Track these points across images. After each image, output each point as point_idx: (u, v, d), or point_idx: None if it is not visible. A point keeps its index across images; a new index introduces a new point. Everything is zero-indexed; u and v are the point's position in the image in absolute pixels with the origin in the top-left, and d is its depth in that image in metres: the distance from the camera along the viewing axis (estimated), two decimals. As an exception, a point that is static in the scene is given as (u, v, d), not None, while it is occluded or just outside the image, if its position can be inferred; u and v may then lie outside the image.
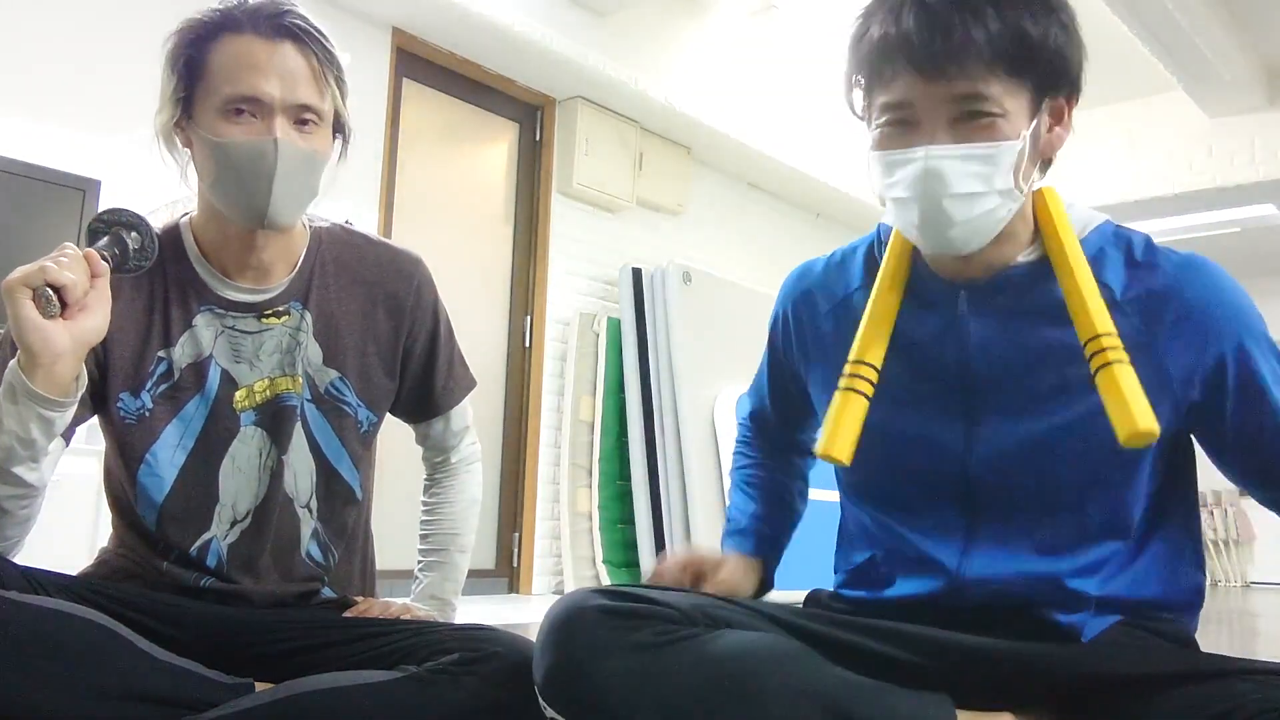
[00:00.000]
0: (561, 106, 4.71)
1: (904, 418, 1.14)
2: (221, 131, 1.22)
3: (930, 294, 1.14)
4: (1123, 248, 1.10)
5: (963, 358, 1.12)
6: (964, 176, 1.00)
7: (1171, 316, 1.06)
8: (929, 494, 1.14)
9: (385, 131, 4.03)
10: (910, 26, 1.00)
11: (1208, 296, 1.06)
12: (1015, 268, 1.11)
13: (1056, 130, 1.07)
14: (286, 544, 1.34)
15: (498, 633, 1.22)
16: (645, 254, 4.90)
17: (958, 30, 0.98)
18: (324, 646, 1.25)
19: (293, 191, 1.24)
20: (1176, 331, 1.06)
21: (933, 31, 0.98)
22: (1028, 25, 0.99)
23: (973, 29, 0.98)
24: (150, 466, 1.28)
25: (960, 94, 0.99)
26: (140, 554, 1.31)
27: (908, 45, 1.00)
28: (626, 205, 4.87)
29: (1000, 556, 1.10)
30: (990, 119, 1.00)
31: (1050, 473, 1.09)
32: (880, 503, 1.20)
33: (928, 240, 1.06)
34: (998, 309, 1.11)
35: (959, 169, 1.00)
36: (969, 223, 1.02)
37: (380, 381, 1.40)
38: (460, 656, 1.17)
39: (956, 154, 1.00)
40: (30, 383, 1.12)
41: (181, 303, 1.31)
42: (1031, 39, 0.99)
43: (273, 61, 1.23)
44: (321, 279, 1.37)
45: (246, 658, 1.24)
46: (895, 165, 1.03)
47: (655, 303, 4.56)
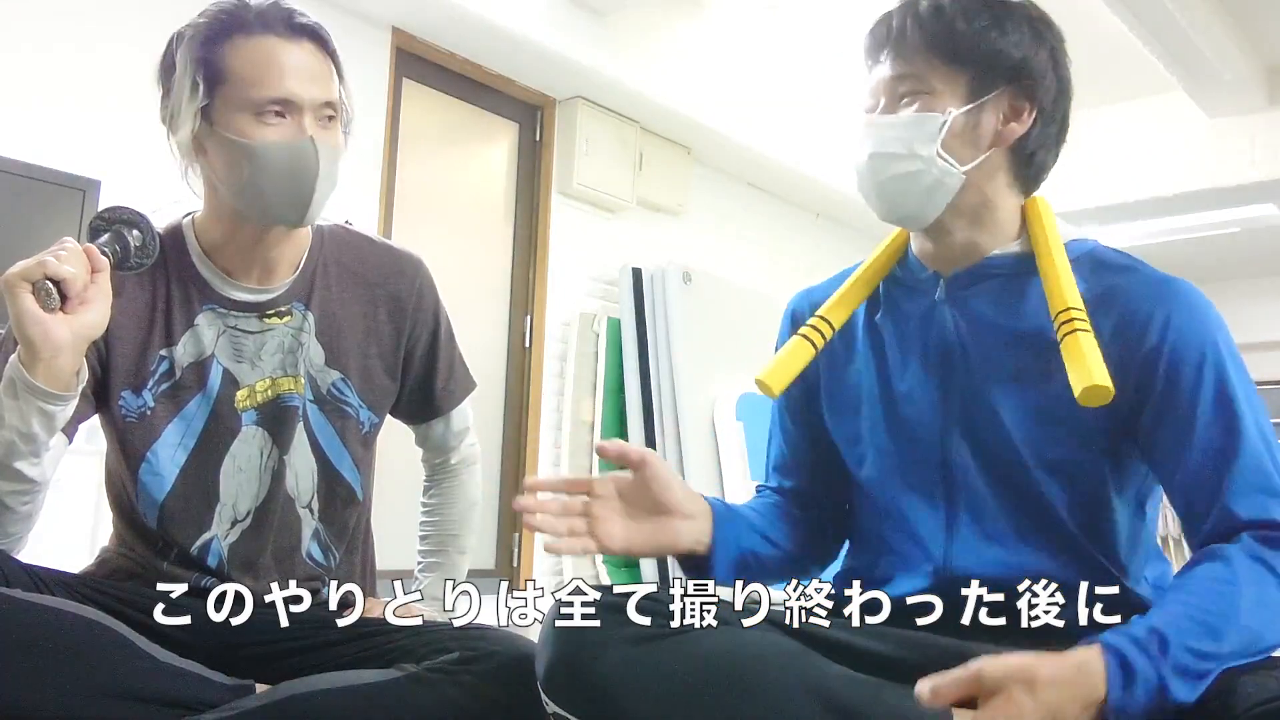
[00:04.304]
0: (561, 106, 4.70)
1: (892, 393, 1.21)
2: (253, 134, 1.22)
3: (914, 281, 1.23)
4: (1089, 261, 1.16)
5: (941, 343, 1.18)
6: (887, 140, 1.15)
7: (1119, 313, 1.11)
8: (910, 477, 1.19)
9: (385, 131, 4.02)
10: (872, 28, 1.20)
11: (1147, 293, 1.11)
12: (994, 258, 1.18)
13: (1013, 125, 1.15)
14: (287, 544, 1.34)
15: (497, 632, 1.22)
16: (645, 254, 4.89)
17: (902, 23, 1.17)
18: (323, 646, 1.25)
19: (328, 188, 1.27)
20: (1119, 327, 1.10)
21: (885, 29, 1.18)
22: (958, 20, 1.15)
23: (908, 20, 1.16)
24: (151, 465, 1.28)
25: (894, 74, 1.16)
26: (141, 553, 1.31)
27: (881, 40, 1.19)
28: (626, 205, 4.87)
29: (982, 546, 1.13)
30: (917, 96, 1.15)
31: (1017, 460, 1.12)
32: (866, 494, 1.23)
33: (871, 201, 1.19)
34: (972, 297, 1.18)
35: (885, 135, 1.16)
36: (893, 181, 1.15)
37: (382, 383, 1.40)
38: (459, 656, 1.17)
39: (885, 121, 1.16)
40: (30, 376, 1.12)
41: (184, 302, 1.31)
42: (957, 29, 1.14)
43: (297, 61, 1.24)
44: (324, 280, 1.37)
45: (246, 657, 1.24)
46: (857, 140, 1.19)
47: (655, 303, 4.56)
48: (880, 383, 1.22)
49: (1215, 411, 1.06)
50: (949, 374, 1.18)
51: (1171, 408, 1.07)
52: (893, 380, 1.21)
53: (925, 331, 1.20)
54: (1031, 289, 1.15)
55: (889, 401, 1.21)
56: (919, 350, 1.20)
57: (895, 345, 1.22)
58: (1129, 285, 1.12)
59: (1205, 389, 1.06)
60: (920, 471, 1.18)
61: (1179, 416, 1.07)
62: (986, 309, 1.17)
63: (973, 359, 1.16)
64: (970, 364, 1.16)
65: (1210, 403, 1.06)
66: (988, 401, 1.14)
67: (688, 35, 4.80)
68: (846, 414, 1.26)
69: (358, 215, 3.63)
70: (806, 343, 1.21)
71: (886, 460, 1.21)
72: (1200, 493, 1.06)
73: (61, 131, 3.01)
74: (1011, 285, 1.17)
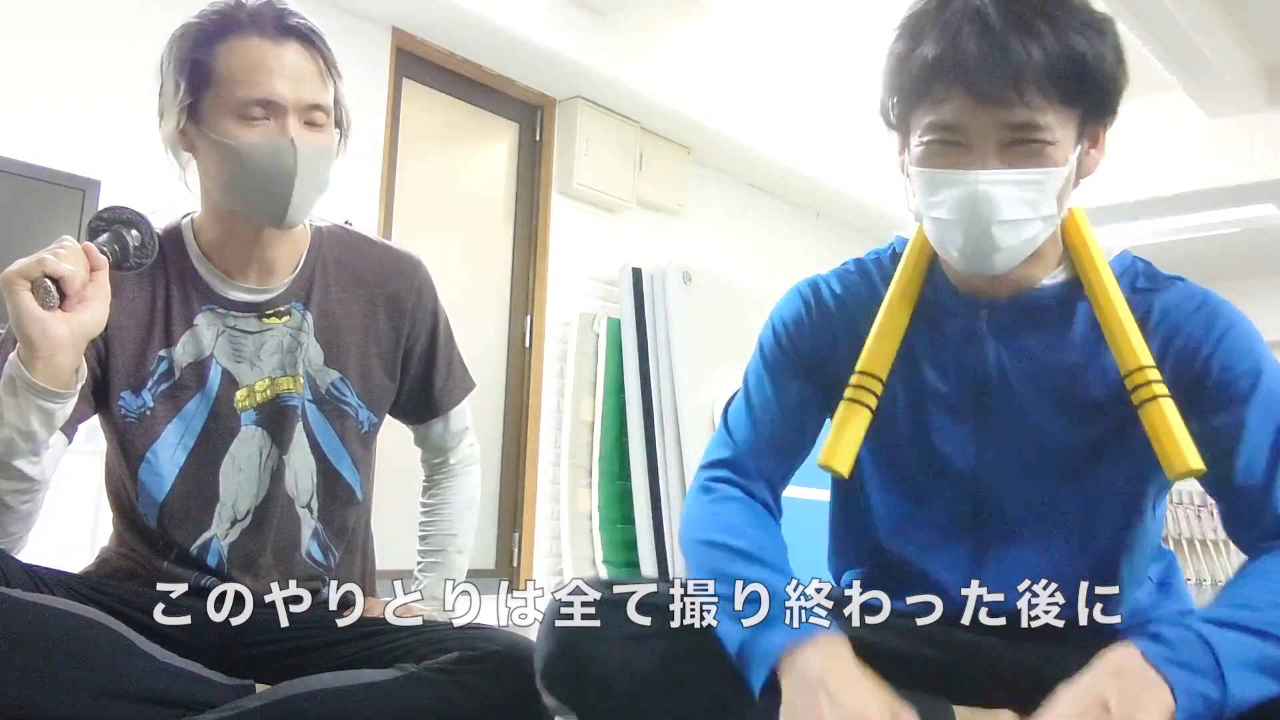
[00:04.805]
0: (561, 106, 4.70)
1: (915, 429, 1.13)
2: (236, 134, 1.22)
3: (949, 309, 1.13)
4: (1128, 278, 1.10)
5: (979, 376, 1.10)
6: (1013, 202, 0.99)
7: (1166, 331, 1.06)
8: (935, 511, 1.13)
9: (385, 131, 4.02)
10: (969, 50, 0.97)
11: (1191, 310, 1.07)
12: (1041, 290, 1.10)
13: (1093, 153, 1.08)
14: (287, 544, 1.34)
15: (497, 632, 1.23)
16: (645, 254, 4.89)
17: (1016, 55, 0.96)
18: (323, 646, 1.25)
19: (311, 190, 1.26)
20: (1166, 346, 1.06)
21: (991, 58, 0.96)
22: (1083, 49, 0.98)
23: (1031, 52, 0.96)
24: (151, 465, 1.29)
25: (1016, 123, 0.98)
26: (141, 553, 1.31)
27: (963, 69, 0.97)
28: (626, 205, 4.87)
29: (1010, 579, 1.08)
30: (1041, 145, 0.99)
31: (1054, 498, 1.09)
32: (884, 519, 1.18)
33: (968, 262, 1.04)
34: (1018, 329, 1.10)
35: (1010, 194, 0.99)
36: (1013, 248, 1.02)
37: (381, 382, 1.40)
38: (459, 656, 1.17)
39: (1008, 179, 0.99)
40: (30, 374, 1.12)
41: (183, 302, 1.31)
42: (1087, 64, 0.98)
43: (282, 62, 1.23)
44: (323, 280, 1.37)
45: (246, 657, 1.24)
46: (941, 185, 1.01)
47: (655, 303, 4.56)
48: (913, 407, 1.13)
49: (1264, 421, 1.03)
50: (988, 413, 1.10)
51: (1222, 420, 1.04)
52: (928, 407, 1.12)
53: (962, 360, 1.11)
54: (1078, 316, 1.08)
55: (921, 430, 1.13)
56: (955, 379, 1.12)
57: (931, 367, 1.12)
58: (1172, 304, 1.08)
59: (1257, 402, 1.04)
60: (948, 510, 1.13)
61: (1228, 430, 1.03)
62: (1034, 343, 1.09)
63: (1017, 396, 1.09)
64: (1014, 402, 1.09)
65: (1263, 416, 1.03)
66: (1031, 442, 1.09)
67: (688, 35, 4.80)
68: (873, 425, 1.15)
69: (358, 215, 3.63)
70: (861, 408, 1.09)
71: (910, 489, 1.15)
72: (1249, 498, 1.04)
73: (61, 131, 3.01)
74: (1058, 314, 1.10)
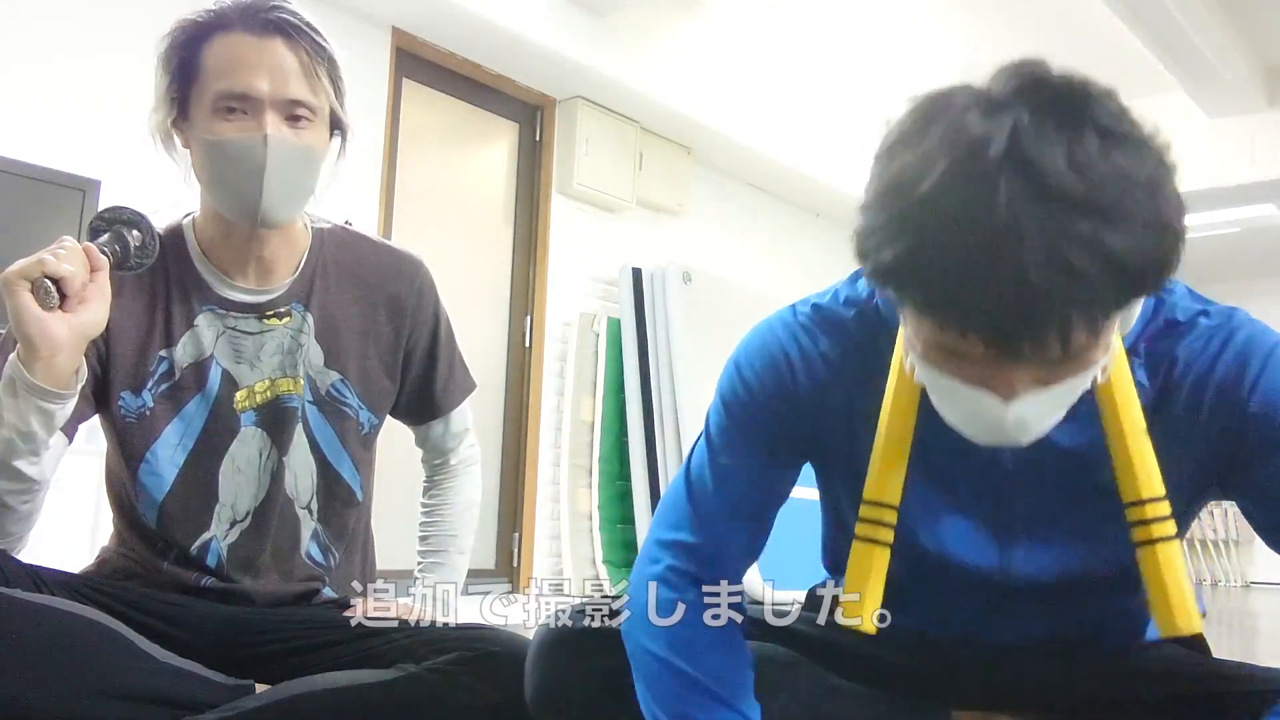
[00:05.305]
0: (561, 106, 4.70)
1: (931, 538, 1.04)
2: (214, 130, 1.22)
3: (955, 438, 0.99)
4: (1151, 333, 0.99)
5: (996, 480, 1.01)
6: (1052, 417, 0.86)
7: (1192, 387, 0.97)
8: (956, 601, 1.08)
9: (385, 131, 4.02)
10: (994, 308, 0.75)
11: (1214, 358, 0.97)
12: None
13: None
14: (286, 544, 1.34)
15: (497, 632, 1.23)
16: (645, 254, 4.89)
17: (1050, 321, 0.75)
18: (323, 646, 1.25)
19: (286, 188, 1.24)
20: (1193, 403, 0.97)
21: (1020, 326, 0.75)
22: (1142, 263, 0.77)
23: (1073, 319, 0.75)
24: (150, 465, 1.29)
25: (1052, 359, 0.80)
26: (140, 553, 1.31)
27: (990, 328, 0.77)
28: (626, 205, 4.87)
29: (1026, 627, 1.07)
30: (1081, 366, 0.83)
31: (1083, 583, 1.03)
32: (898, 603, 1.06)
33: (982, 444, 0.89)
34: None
35: (1044, 412, 0.85)
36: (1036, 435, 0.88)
37: (381, 384, 1.40)
38: (459, 656, 1.17)
39: (1043, 400, 0.83)
40: (29, 375, 1.12)
41: (183, 302, 1.31)
42: (1146, 284, 0.79)
43: (262, 57, 1.22)
44: (323, 281, 1.37)
45: (246, 657, 1.24)
46: (960, 400, 0.85)
47: (655, 303, 4.56)
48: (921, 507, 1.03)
49: None
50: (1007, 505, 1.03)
51: (1264, 459, 0.95)
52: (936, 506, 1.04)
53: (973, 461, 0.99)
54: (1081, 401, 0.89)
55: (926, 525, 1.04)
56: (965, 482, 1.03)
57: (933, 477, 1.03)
58: (1196, 351, 0.97)
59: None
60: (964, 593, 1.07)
61: (1271, 467, 0.95)
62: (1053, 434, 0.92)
63: (1027, 491, 1.01)
64: (1025, 497, 1.02)
65: None
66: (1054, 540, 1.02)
67: (688, 35, 4.80)
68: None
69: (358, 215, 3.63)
70: (876, 546, 0.97)
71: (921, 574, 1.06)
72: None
73: (61, 131, 3.02)
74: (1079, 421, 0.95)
